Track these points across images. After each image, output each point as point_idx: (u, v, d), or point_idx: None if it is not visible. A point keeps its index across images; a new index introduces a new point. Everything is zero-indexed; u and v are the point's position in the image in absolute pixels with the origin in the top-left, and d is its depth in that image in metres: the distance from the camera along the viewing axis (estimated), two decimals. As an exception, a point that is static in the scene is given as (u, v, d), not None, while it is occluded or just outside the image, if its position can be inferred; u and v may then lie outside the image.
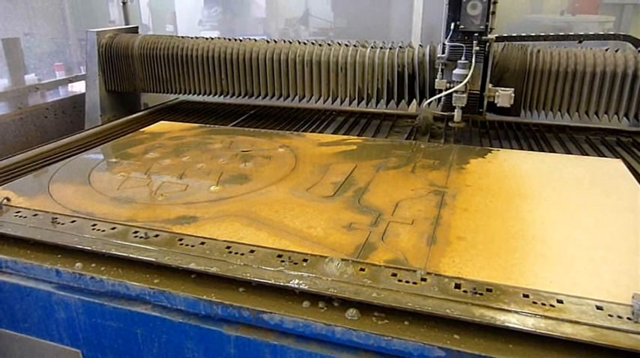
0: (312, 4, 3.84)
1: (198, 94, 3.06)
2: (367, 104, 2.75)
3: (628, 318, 1.03)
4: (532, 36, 2.65)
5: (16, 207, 1.58)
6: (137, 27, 3.47)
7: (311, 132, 2.76)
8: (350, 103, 2.77)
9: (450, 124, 2.47)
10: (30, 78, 3.30)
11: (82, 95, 3.31)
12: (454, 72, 2.29)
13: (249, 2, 3.99)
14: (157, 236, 1.38)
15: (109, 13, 3.98)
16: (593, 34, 2.58)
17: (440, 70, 2.35)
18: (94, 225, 1.46)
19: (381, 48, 2.69)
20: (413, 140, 2.58)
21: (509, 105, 2.34)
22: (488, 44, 2.28)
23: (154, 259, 1.28)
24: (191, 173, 1.86)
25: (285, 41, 2.86)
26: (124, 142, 2.27)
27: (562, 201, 1.59)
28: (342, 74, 2.71)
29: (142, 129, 2.48)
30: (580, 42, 2.55)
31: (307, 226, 1.42)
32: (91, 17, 3.94)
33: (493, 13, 2.29)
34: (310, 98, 2.82)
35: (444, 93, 2.34)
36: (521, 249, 1.29)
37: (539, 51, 2.44)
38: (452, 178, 1.77)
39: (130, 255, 1.30)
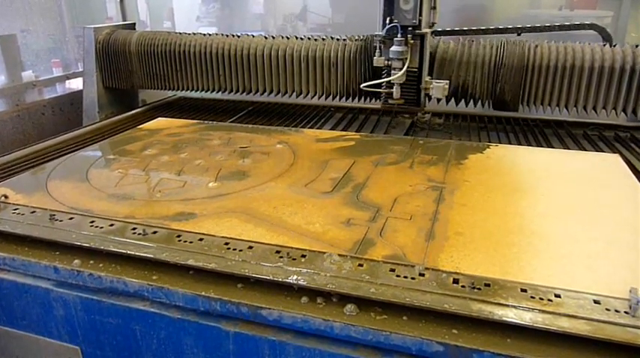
0: (310, 0, 3.83)
1: (196, 91, 3.05)
2: (362, 100, 2.76)
3: (625, 312, 1.03)
4: (473, 30, 2.73)
5: (14, 204, 1.58)
6: (134, 23, 3.45)
7: (309, 128, 2.76)
8: (347, 99, 2.77)
9: (390, 102, 2.51)
10: (27, 75, 3.29)
11: (80, 92, 3.30)
12: (391, 49, 2.34)
13: (246, -2, 3.99)
14: (155, 232, 1.38)
15: (106, 9, 3.97)
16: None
17: (378, 48, 2.41)
18: (92, 221, 1.45)
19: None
20: (411, 136, 2.58)
21: (443, 97, 2.43)
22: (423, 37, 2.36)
23: (152, 256, 1.28)
24: (189, 169, 1.86)
25: (282, 37, 2.85)
26: (122, 139, 2.27)
27: (560, 196, 1.59)
28: (338, 70, 2.71)
29: (139, 126, 2.47)
30: (519, 34, 2.61)
31: (306, 222, 1.42)
32: (88, 13, 3.93)
33: (434, 7, 2.40)
34: (307, 94, 2.82)
35: (385, 79, 2.43)
36: (519, 243, 1.30)
37: (537, 46, 2.44)
38: (450, 174, 1.77)
39: (129, 252, 1.30)
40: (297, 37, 2.83)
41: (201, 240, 1.34)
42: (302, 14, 3.88)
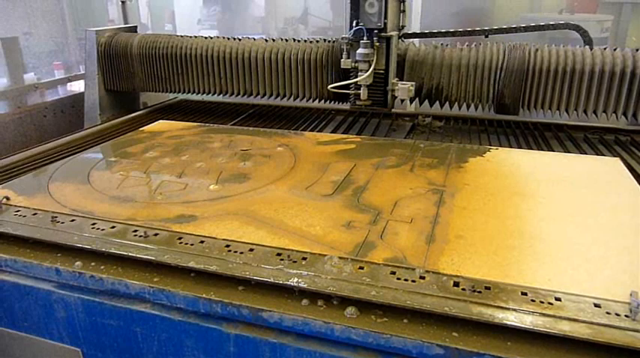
0: (311, 3, 3.84)
1: (197, 93, 3.06)
2: (333, 102, 2.80)
3: (626, 316, 1.03)
4: (442, 32, 2.76)
5: (16, 206, 1.59)
6: (136, 26, 3.46)
7: (310, 131, 2.77)
8: (317, 101, 2.81)
9: (358, 103, 2.56)
10: (29, 77, 3.30)
11: (81, 94, 3.31)
12: (357, 51, 2.41)
13: (247, 1, 4.00)
14: (156, 235, 1.39)
15: (107, 12, 3.98)
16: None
17: (346, 50, 2.46)
18: (94, 223, 1.46)
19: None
20: (411, 139, 2.59)
21: (407, 98, 2.49)
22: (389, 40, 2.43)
23: (153, 258, 1.28)
24: (190, 172, 1.86)
25: (282, 39, 2.86)
26: (123, 141, 2.28)
27: (560, 200, 1.59)
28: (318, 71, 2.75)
29: (141, 129, 2.48)
30: (486, 36, 2.66)
31: (306, 225, 1.43)
32: (90, 16, 3.95)
33: (403, 11, 2.53)
34: (309, 98, 2.83)
35: (352, 81, 2.49)
36: (520, 247, 1.30)
37: (537, 49, 2.45)
38: (450, 177, 1.78)
39: (130, 254, 1.30)
40: (295, 40, 2.83)
41: (202, 242, 1.34)
42: (303, 17, 3.89)
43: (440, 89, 2.61)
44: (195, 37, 3.02)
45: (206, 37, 3.00)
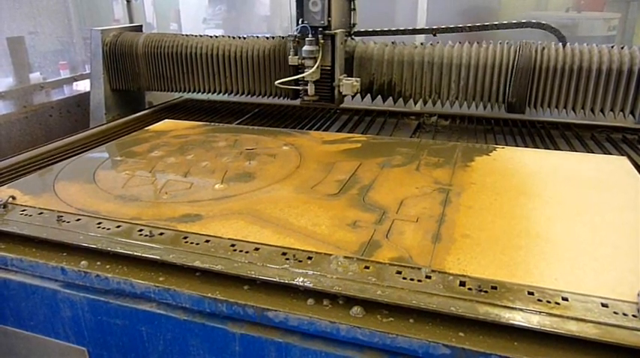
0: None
1: (203, 92, 3.06)
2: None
3: (633, 316, 1.02)
4: (392, 30, 2.81)
5: (22, 205, 1.59)
6: (141, 25, 3.47)
7: (315, 130, 2.76)
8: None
9: (306, 98, 2.60)
10: (35, 76, 3.31)
11: (87, 94, 3.32)
12: (303, 49, 2.46)
13: (253, 0, 3.99)
14: (161, 234, 1.39)
15: (113, 11, 3.99)
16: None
17: (293, 48, 2.52)
18: (99, 223, 1.46)
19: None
20: (417, 138, 2.58)
21: (351, 94, 2.54)
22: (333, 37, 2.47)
23: (158, 257, 1.28)
24: (196, 171, 1.86)
25: (281, 38, 2.85)
26: (129, 141, 2.28)
27: (567, 199, 1.58)
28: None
29: (146, 128, 2.48)
30: (434, 35, 2.71)
31: (312, 224, 1.43)
32: (95, 16, 3.95)
33: (354, 9, 2.65)
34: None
35: (298, 76, 2.53)
36: (526, 246, 1.29)
37: (544, 48, 2.43)
38: (456, 176, 1.77)
39: (135, 253, 1.30)
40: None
41: (207, 241, 1.34)
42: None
43: (392, 85, 2.67)
44: (201, 36, 3.02)
45: (211, 37, 3.00)
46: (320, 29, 2.42)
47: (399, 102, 2.72)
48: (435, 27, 2.75)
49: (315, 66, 2.45)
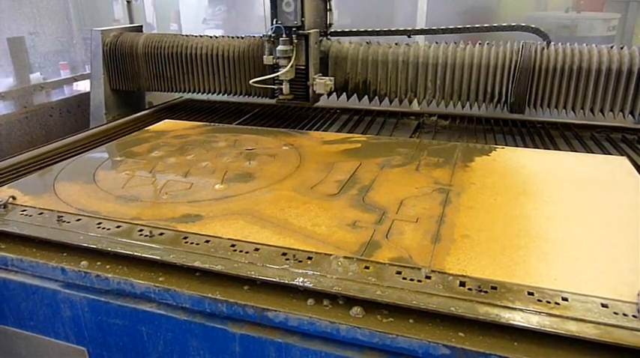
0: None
1: (203, 93, 3.06)
2: (348, 98, 2.83)
3: (633, 316, 1.02)
4: (368, 31, 2.82)
5: (22, 205, 1.59)
6: (141, 26, 3.46)
7: (315, 130, 2.76)
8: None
9: (280, 97, 2.64)
10: (35, 77, 3.31)
11: (87, 94, 3.32)
12: (277, 48, 2.49)
13: (252, 0, 3.99)
14: (161, 234, 1.39)
15: (113, 11, 3.99)
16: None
17: (267, 47, 2.55)
18: (100, 223, 1.46)
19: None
20: (417, 138, 2.58)
21: (325, 93, 2.59)
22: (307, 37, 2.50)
23: (158, 257, 1.28)
24: (196, 171, 1.86)
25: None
26: (129, 141, 2.28)
27: (567, 199, 1.58)
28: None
29: (146, 128, 2.48)
30: (409, 36, 2.75)
31: (312, 224, 1.43)
32: (95, 16, 3.95)
33: (330, 10, 2.70)
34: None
35: (272, 75, 2.55)
36: (526, 246, 1.29)
37: (543, 48, 2.43)
38: (456, 176, 1.77)
39: (135, 253, 1.30)
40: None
41: (207, 241, 1.34)
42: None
43: (367, 84, 2.70)
44: (201, 36, 3.02)
45: (211, 37, 3.00)
46: (294, 29, 2.45)
47: (399, 103, 2.72)
48: (410, 28, 2.78)
49: (289, 65, 2.47)
